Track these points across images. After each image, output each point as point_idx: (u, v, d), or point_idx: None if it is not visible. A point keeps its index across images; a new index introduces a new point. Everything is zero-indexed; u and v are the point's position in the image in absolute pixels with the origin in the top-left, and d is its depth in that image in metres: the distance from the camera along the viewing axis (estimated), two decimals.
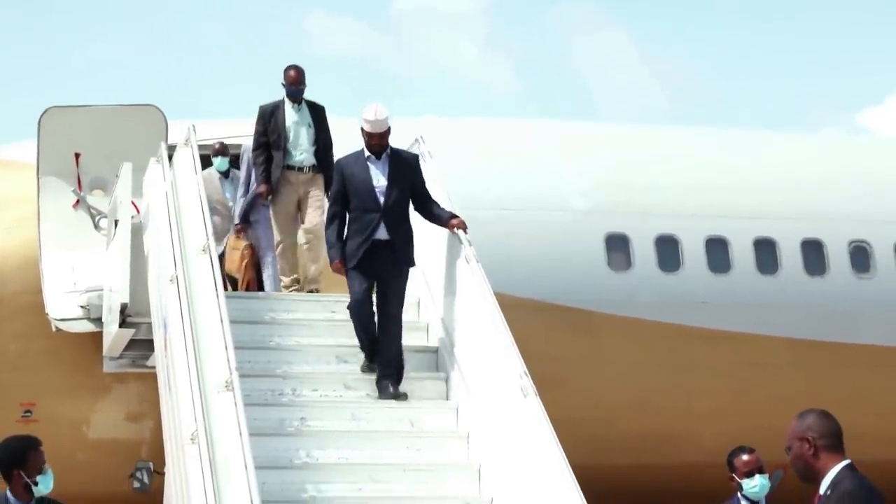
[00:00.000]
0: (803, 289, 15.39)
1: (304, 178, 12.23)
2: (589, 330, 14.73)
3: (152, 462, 13.34)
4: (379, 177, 10.28)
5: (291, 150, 12.23)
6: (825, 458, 6.42)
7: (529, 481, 8.57)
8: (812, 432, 6.44)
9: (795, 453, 6.49)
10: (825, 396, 14.87)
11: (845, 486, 6.31)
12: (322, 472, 9.47)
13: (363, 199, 10.24)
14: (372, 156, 10.34)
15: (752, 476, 8.44)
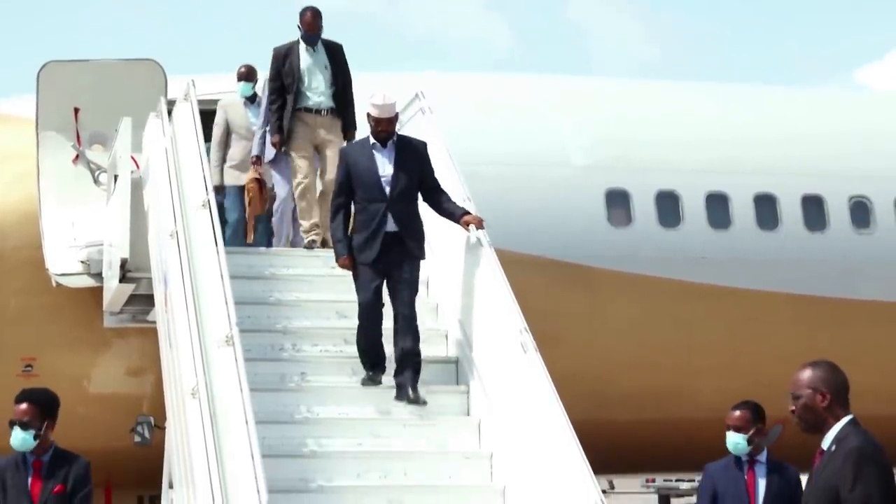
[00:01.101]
0: (803, 244, 15.38)
1: (321, 120, 11.79)
2: (589, 286, 14.73)
3: (153, 416, 13.38)
4: (385, 165, 9.82)
5: (306, 92, 11.77)
6: (828, 413, 6.43)
7: (530, 436, 8.59)
8: (825, 384, 6.44)
9: (806, 403, 6.48)
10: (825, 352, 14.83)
11: (852, 443, 6.31)
12: (322, 426, 9.50)
13: (368, 189, 9.78)
14: (378, 143, 9.88)
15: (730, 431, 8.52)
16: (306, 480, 8.95)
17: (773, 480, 8.32)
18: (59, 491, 8.26)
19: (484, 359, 9.53)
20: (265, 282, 10.89)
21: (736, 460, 8.50)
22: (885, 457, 6.34)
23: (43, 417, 8.36)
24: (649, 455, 15.67)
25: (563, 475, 8.04)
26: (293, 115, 11.74)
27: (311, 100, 11.76)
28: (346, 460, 9.18)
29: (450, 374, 9.90)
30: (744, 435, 8.42)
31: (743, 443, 8.43)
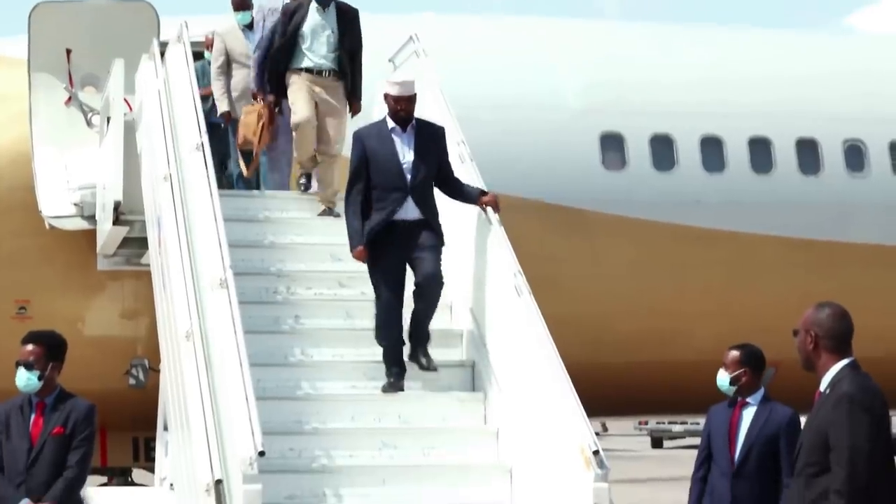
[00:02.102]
0: (797, 188, 15.38)
1: (321, 81, 11.14)
2: (583, 229, 14.73)
3: (147, 359, 13.40)
4: (405, 151, 9.29)
5: (307, 52, 11.13)
6: (826, 357, 6.43)
7: (524, 379, 8.62)
8: (818, 328, 6.45)
9: (798, 343, 6.52)
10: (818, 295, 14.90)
11: (843, 388, 6.31)
12: (317, 369, 9.52)
13: (387, 177, 9.22)
14: (397, 127, 9.35)
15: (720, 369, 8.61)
16: (301, 423, 8.98)
17: (758, 420, 8.39)
18: (59, 433, 8.28)
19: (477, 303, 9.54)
20: (259, 225, 10.88)
21: (732, 401, 8.57)
22: (879, 402, 6.33)
23: (48, 359, 8.37)
24: (642, 397, 15.73)
25: (557, 417, 8.07)
26: (290, 72, 11.18)
27: (311, 60, 11.16)
28: (340, 403, 9.21)
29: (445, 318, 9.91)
30: (728, 374, 8.51)
31: (725, 383, 8.53)
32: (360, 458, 8.80)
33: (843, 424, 6.20)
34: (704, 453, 8.59)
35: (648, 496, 23.65)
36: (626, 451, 39.53)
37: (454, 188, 9.50)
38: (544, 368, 8.28)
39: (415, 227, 9.21)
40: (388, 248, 9.17)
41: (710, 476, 8.49)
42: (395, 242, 9.17)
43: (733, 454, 8.38)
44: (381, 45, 12.07)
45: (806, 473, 6.35)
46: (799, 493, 6.38)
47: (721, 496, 8.36)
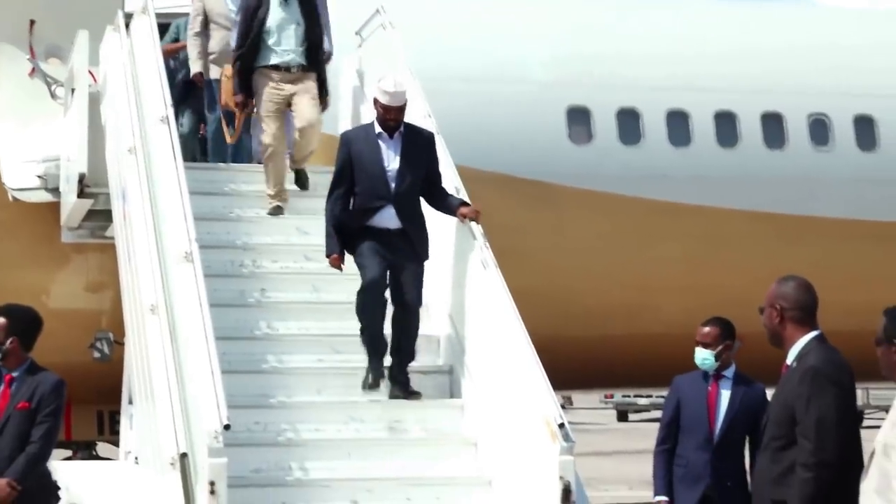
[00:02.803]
0: (763, 162, 15.43)
1: (289, 77, 10.81)
2: (549, 203, 14.74)
3: (112, 332, 13.35)
4: (391, 158, 8.99)
5: (275, 48, 10.79)
6: (792, 329, 6.46)
7: (490, 351, 8.62)
8: (783, 301, 6.48)
9: (764, 318, 6.55)
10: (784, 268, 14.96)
11: (809, 361, 6.34)
12: (282, 343, 9.51)
13: (372, 184, 8.94)
14: (384, 133, 9.06)
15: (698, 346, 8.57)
16: (266, 396, 8.97)
17: (737, 394, 8.37)
18: (23, 408, 8.26)
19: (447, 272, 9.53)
20: (225, 198, 10.84)
21: (703, 374, 8.54)
22: (845, 376, 6.36)
23: (11, 332, 8.33)
24: (608, 371, 15.78)
25: (522, 390, 8.08)
26: (256, 72, 10.85)
27: (279, 57, 10.81)
28: (306, 376, 9.20)
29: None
30: (711, 351, 8.46)
31: (710, 359, 8.47)
32: (327, 432, 8.79)
33: (810, 397, 6.22)
34: (671, 426, 8.55)
35: (614, 469, 23.77)
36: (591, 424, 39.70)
37: (437, 198, 9.16)
38: (510, 341, 8.29)
39: (396, 237, 8.93)
40: (370, 243, 8.88)
41: (683, 449, 8.46)
42: (376, 248, 8.88)
43: (713, 428, 8.36)
44: (349, 18, 12.03)
45: (773, 447, 6.38)
46: (766, 466, 6.41)
47: (698, 470, 8.34)
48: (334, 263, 9.05)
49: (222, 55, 12.26)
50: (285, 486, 8.33)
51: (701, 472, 8.34)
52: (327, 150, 11.19)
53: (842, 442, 6.19)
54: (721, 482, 8.24)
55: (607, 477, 21.91)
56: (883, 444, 5.46)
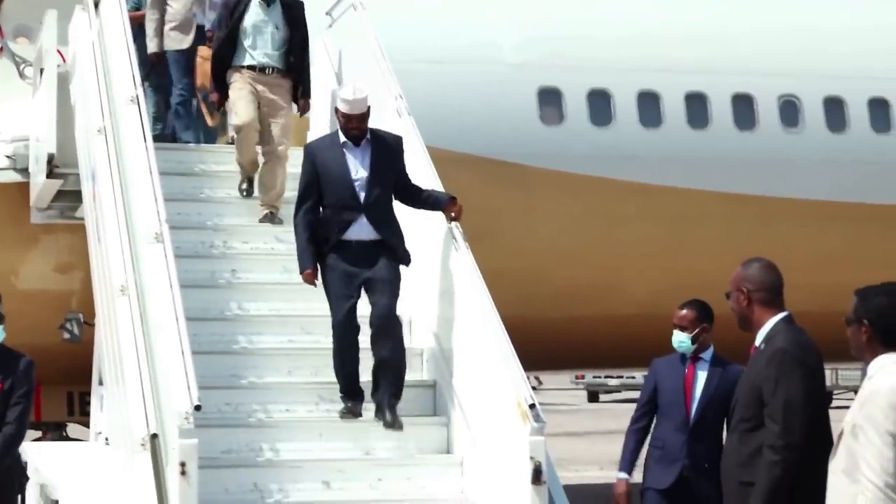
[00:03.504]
0: (734, 143, 15.47)
1: (264, 79, 10.60)
2: (520, 184, 14.75)
3: (82, 313, 13.30)
4: (358, 167, 8.69)
5: (250, 50, 10.59)
6: (759, 311, 6.48)
7: (460, 332, 8.62)
8: (749, 284, 6.49)
9: (732, 303, 6.56)
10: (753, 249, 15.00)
11: (777, 343, 6.36)
12: (253, 324, 9.49)
13: (340, 195, 8.63)
14: (349, 142, 8.77)
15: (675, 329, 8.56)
16: (237, 377, 8.96)
17: (714, 377, 8.37)
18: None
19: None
20: (196, 178, 10.81)
21: (681, 356, 8.54)
22: (813, 357, 6.37)
23: None
24: (579, 351, 15.82)
25: (492, 371, 8.09)
26: (232, 69, 10.66)
27: (254, 59, 10.61)
28: (277, 357, 9.20)
29: None
30: (688, 334, 8.45)
31: (687, 341, 8.46)
32: (298, 413, 8.79)
33: (777, 379, 6.24)
34: (646, 407, 8.56)
35: (585, 449, 23.83)
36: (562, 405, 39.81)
37: (416, 197, 8.89)
38: (481, 321, 8.29)
39: (371, 248, 8.60)
40: (340, 268, 8.57)
41: (659, 430, 8.48)
42: (348, 262, 8.56)
43: (689, 410, 8.38)
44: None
45: (741, 429, 6.40)
46: (734, 448, 6.43)
47: (674, 451, 8.36)
48: (308, 279, 8.70)
49: (182, 25, 12.16)
50: (256, 467, 8.32)
51: (677, 454, 8.35)
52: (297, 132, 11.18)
53: (809, 424, 6.21)
54: (698, 463, 8.27)
55: (578, 457, 21.98)
56: (851, 424, 5.49)
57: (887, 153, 15.90)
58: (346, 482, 8.24)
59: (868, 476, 5.33)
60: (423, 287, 9.30)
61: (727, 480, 6.48)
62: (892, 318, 5.62)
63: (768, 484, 6.14)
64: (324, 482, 8.28)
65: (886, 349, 5.60)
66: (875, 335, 5.60)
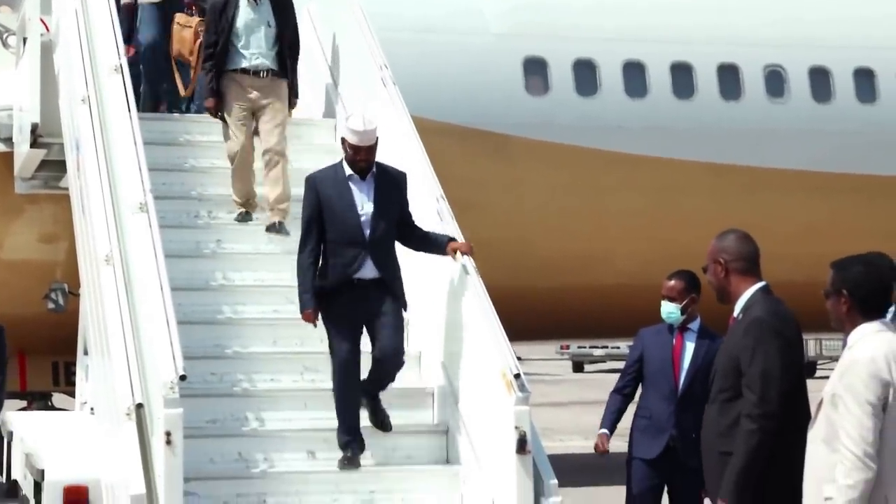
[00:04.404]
0: (719, 113, 15.48)
1: (259, 83, 10.21)
2: (506, 154, 14.76)
3: (67, 283, 13.30)
4: (364, 202, 8.30)
5: (242, 51, 10.21)
6: (737, 281, 6.48)
7: (446, 302, 8.63)
8: (725, 254, 6.50)
9: (710, 275, 6.57)
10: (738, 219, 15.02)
11: (754, 313, 6.37)
12: (238, 293, 9.49)
13: (344, 230, 8.24)
14: (355, 175, 8.39)
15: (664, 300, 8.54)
16: (222, 347, 8.96)
17: (701, 347, 8.37)
18: None
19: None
20: (180, 148, 10.77)
21: (668, 327, 8.54)
22: (790, 327, 6.38)
23: None
24: (564, 322, 15.86)
25: (477, 341, 8.11)
26: (225, 76, 10.23)
27: (247, 60, 10.22)
28: (261, 327, 9.19)
29: None
30: (677, 304, 8.43)
31: (676, 312, 8.44)
32: (282, 383, 8.79)
33: (754, 349, 6.25)
34: (631, 375, 8.55)
35: (570, 420, 23.89)
36: (547, 375, 39.90)
37: (418, 239, 8.52)
38: (466, 292, 8.30)
39: (373, 288, 8.23)
40: (342, 307, 8.22)
41: (645, 400, 8.47)
42: (350, 302, 8.20)
43: (677, 381, 8.38)
44: None
45: (720, 399, 6.42)
46: (714, 418, 6.45)
47: (661, 421, 8.36)
48: (308, 319, 8.32)
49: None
50: (241, 437, 8.33)
51: (665, 424, 8.35)
52: None
53: (786, 393, 6.23)
54: (685, 434, 8.27)
55: (563, 427, 22.03)
56: (831, 393, 5.51)
57: (872, 124, 15.93)
58: (331, 452, 8.25)
59: (847, 445, 5.36)
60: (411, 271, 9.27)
61: (706, 451, 6.49)
62: (870, 287, 5.64)
63: (745, 453, 6.16)
64: (308, 452, 8.30)
65: (866, 319, 5.62)
66: (854, 305, 5.62)
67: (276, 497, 8.00)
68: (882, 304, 5.67)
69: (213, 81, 10.24)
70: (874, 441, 5.36)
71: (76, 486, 8.44)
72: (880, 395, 5.39)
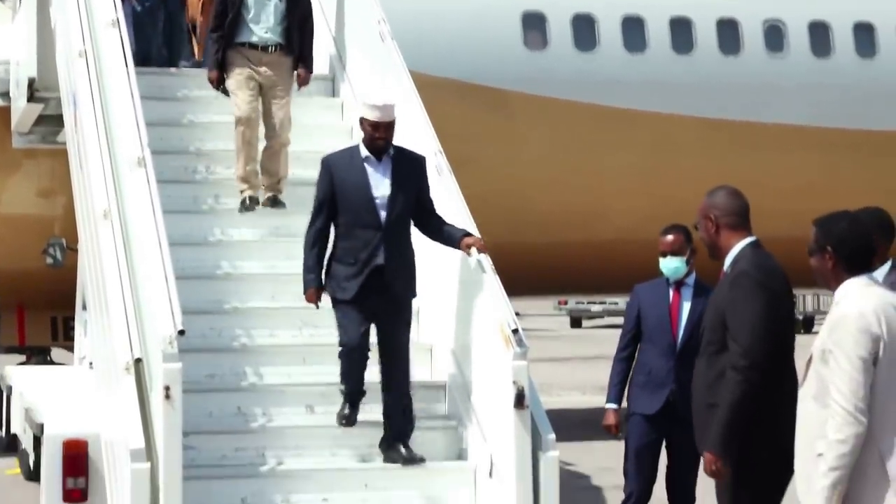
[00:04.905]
0: (718, 68, 15.44)
1: (266, 58, 9.96)
2: (504, 109, 14.72)
3: (65, 238, 13.30)
4: (380, 184, 8.06)
5: (250, 25, 9.97)
6: (727, 236, 6.51)
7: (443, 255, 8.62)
8: (715, 210, 6.52)
9: (701, 232, 6.59)
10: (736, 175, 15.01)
11: (741, 266, 6.39)
12: (236, 248, 9.49)
13: (359, 214, 8.01)
14: (371, 156, 8.17)
15: (666, 256, 8.51)
16: (221, 302, 8.97)
17: (698, 303, 8.33)
18: None
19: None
20: (178, 103, 10.74)
21: (665, 282, 8.50)
22: (777, 280, 6.39)
23: None
24: (562, 277, 15.87)
25: (476, 297, 8.11)
26: (232, 48, 9.99)
27: (255, 34, 9.97)
28: (260, 282, 9.19)
29: None
30: (681, 257, 8.39)
31: (682, 266, 8.37)
32: (281, 338, 8.81)
33: (740, 301, 6.28)
34: (631, 334, 8.53)
35: (567, 375, 23.96)
36: (545, 330, 39.99)
37: (433, 228, 8.23)
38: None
39: (385, 274, 7.98)
40: (353, 293, 7.97)
41: (643, 356, 8.45)
42: (360, 288, 7.96)
43: (676, 336, 8.37)
44: None
45: (708, 352, 6.44)
46: (702, 371, 6.47)
47: (661, 376, 8.34)
48: (310, 299, 8.13)
49: None
50: (240, 392, 8.35)
51: (664, 379, 8.34)
52: None
53: (772, 345, 6.25)
54: (684, 388, 8.25)
55: (561, 382, 22.10)
56: (821, 349, 5.51)
57: (871, 79, 15.89)
58: (330, 406, 8.26)
59: (837, 400, 5.37)
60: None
61: (696, 404, 6.52)
62: (854, 242, 5.63)
63: (731, 404, 6.19)
64: (307, 406, 8.31)
65: (851, 275, 5.62)
66: (839, 261, 5.61)
67: (274, 451, 8.03)
68: (867, 261, 5.67)
69: (218, 52, 10.02)
70: (865, 396, 5.36)
71: (76, 440, 8.46)
72: (871, 349, 5.39)
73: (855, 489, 5.40)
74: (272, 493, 7.77)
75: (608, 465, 12.18)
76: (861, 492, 5.40)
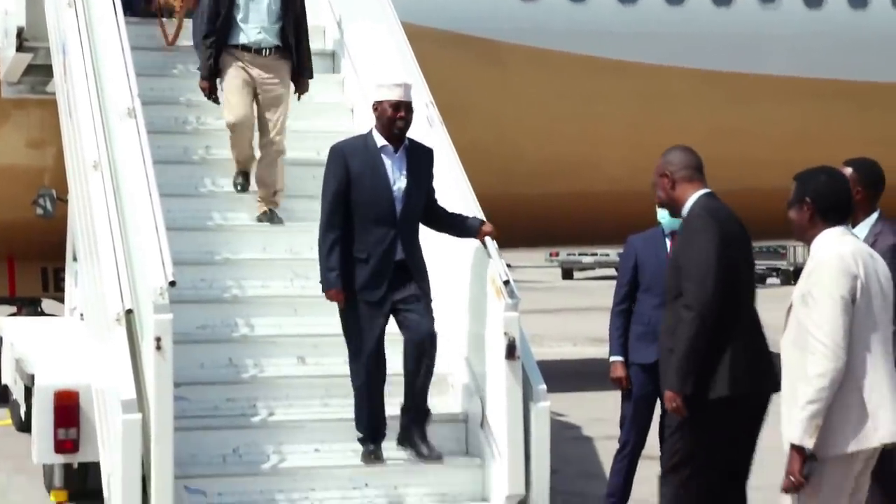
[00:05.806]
0: (710, 19, 15.38)
1: (260, 61, 9.53)
2: (496, 60, 14.66)
3: (55, 189, 13.25)
4: (397, 176, 7.71)
5: (242, 26, 9.52)
6: (682, 188, 6.66)
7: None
8: (670, 166, 6.69)
9: (658, 191, 6.71)
10: (727, 125, 15.06)
11: (692, 210, 6.54)
12: (228, 200, 9.47)
13: (374, 207, 7.61)
14: (389, 146, 7.78)
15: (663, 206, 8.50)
16: (212, 253, 8.95)
17: None
18: None
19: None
20: (168, 53, 10.69)
21: (660, 232, 8.49)
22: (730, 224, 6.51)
23: None
24: (554, 229, 15.87)
25: (468, 249, 8.10)
26: (224, 52, 9.55)
27: (247, 35, 9.52)
28: (251, 233, 9.18)
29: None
30: None
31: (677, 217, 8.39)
32: (272, 289, 8.80)
33: (688, 243, 6.45)
34: (629, 286, 8.50)
35: (559, 326, 24.01)
36: (537, 282, 40.07)
37: (443, 220, 7.94)
38: (455, 198, 8.28)
39: (399, 269, 7.65)
40: (368, 290, 7.61)
41: (641, 306, 8.42)
42: (376, 285, 7.61)
43: None
44: None
45: (670, 299, 6.56)
46: (665, 318, 6.60)
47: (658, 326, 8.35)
48: (335, 299, 7.67)
49: None
50: (231, 343, 8.36)
51: None
52: None
53: (722, 284, 6.34)
54: None
55: (552, 334, 22.14)
56: (801, 294, 5.62)
57: (863, 29, 15.84)
58: (321, 357, 8.28)
59: (817, 336, 5.48)
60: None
61: (661, 350, 6.65)
62: (832, 195, 5.76)
63: (685, 340, 6.30)
64: (298, 357, 8.33)
65: (827, 226, 5.73)
66: (816, 212, 5.74)
67: (265, 402, 8.04)
68: (844, 214, 5.82)
69: (211, 59, 9.54)
70: (845, 334, 5.48)
71: (67, 390, 8.47)
72: (849, 288, 5.53)
73: (836, 425, 5.50)
74: (263, 444, 7.79)
75: (599, 415, 12.23)
76: (843, 427, 5.49)
